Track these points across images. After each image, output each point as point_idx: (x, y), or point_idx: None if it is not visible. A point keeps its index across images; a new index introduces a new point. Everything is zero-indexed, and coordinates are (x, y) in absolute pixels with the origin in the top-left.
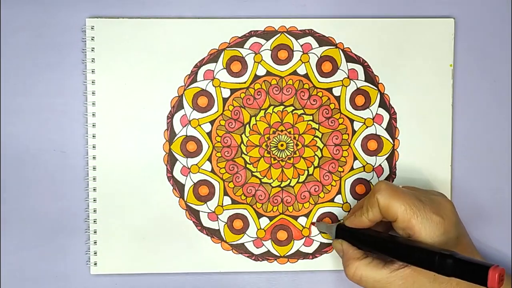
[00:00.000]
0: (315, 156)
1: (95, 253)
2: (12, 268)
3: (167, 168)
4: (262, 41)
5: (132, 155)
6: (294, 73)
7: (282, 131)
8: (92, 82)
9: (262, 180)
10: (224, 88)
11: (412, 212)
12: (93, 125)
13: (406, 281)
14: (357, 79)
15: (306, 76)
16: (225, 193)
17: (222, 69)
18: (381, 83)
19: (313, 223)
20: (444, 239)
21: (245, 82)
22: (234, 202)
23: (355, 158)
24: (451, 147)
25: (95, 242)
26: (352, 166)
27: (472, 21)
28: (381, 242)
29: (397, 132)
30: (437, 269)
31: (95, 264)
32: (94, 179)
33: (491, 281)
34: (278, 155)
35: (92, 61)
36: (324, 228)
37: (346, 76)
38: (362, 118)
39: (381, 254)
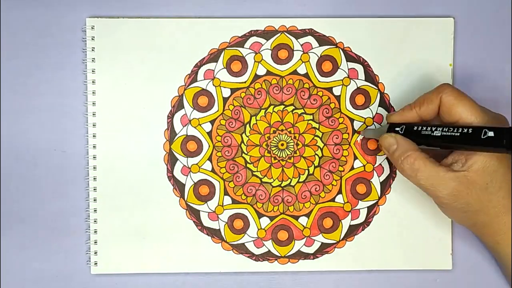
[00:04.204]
0: (316, 156)
1: (95, 253)
2: (12, 268)
3: (167, 168)
4: (262, 40)
5: (133, 155)
6: (294, 72)
7: (282, 130)
8: (93, 82)
9: (263, 180)
10: (224, 87)
11: (476, 115)
12: (94, 125)
13: (459, 184)
14: (357, 79)
15: (306, 75)
16: (226, 193)
17: (222, 68)
18: (381, 83)
19: (358, 132)
20: None
21: (245, 82)
22: (234, 201)
23: (356, 158)
24: None
25: (95, 242)
26: (353, 166)
27: (472, 21)
28: (442, 136)
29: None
30: (497, 143)
31: (96, 264)
32: (94, 178)
33: None
34: (278, 155)
35: (93, 61)
36: (372, 134)
37: (346, 76)
38: (362, 117)
39: (439, 143)
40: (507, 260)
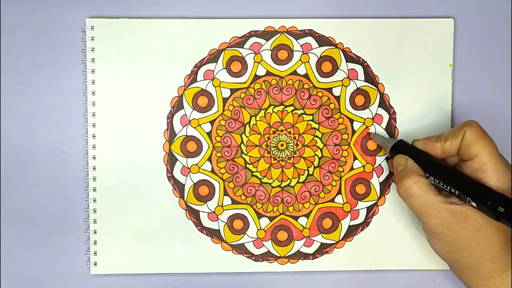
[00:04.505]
0: (315, 156)
1: (95, 253)
2: (12, 268)
3: (167, 168)
4: (262, 41)
5: (132, 155)
6: (294, 73)
7: (282, 131)
8: (92, 82)
9: (262, 180)
10: (224, 88)
11: (492, 157)
12: (93, 125)
13: (452, 217)
14: (357, 79)
15: (306, 76)
16: (225, 193)
17: (222, 69)
18: (381, 83)
19: (369, 133)
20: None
21: (245, 82)
22: (234, 202)
23: (355, 158)
24: None
25: (95, 242)
26: (352, 166)
27: (472, 21)
28: (444, 167)
29: (397, 132)
30: (488, 208)
31: (95, 264)
32: (94, 179)
33: None
34: (278, 155)
35: (92, 61)
36: (380, 140)
37: (346, 76)
38: (362, 118)
39: (439, 180)
40: None
